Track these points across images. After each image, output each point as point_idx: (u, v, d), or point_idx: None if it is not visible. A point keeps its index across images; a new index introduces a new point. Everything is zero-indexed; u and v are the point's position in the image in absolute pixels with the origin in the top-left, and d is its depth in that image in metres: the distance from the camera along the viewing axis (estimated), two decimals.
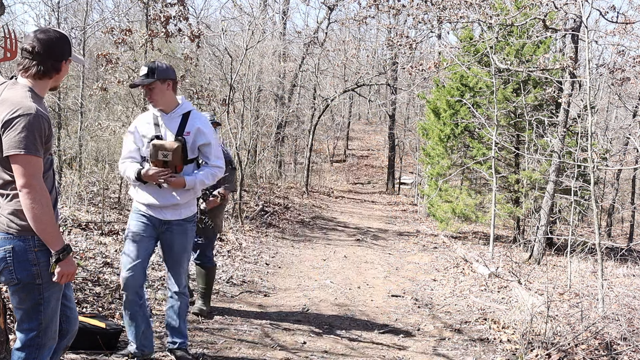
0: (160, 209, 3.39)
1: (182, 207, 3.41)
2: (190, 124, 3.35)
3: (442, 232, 11.91)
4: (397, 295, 6.27)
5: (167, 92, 3.32)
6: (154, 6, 9.20)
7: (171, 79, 3.32)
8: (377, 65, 21.23)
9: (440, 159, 12.30)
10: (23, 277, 2.29)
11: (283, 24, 19.28)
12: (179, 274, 3.52)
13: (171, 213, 3.40)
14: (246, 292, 5.80)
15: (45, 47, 2.29)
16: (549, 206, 9.15)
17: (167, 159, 3.27)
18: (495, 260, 8.22)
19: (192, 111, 3.41)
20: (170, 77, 3.32)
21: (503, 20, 8.10)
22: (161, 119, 3.38)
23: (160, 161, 3.29)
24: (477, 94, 11.73)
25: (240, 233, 9.19)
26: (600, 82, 16.93)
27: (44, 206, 2.22)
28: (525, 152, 10.06)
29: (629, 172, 16.84)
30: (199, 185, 3.37)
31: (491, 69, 9.31)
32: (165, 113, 3.36)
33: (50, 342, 2.40)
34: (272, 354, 3.95)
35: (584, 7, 5.96)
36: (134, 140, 3.43)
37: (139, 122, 3.46)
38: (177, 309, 3.54)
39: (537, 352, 3.93)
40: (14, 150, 2.17)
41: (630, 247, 9.87)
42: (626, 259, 9.19)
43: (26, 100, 2.23)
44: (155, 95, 3.30)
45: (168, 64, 3.37)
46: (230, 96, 10.99)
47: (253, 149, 15.25)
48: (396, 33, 11.29)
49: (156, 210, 3.40)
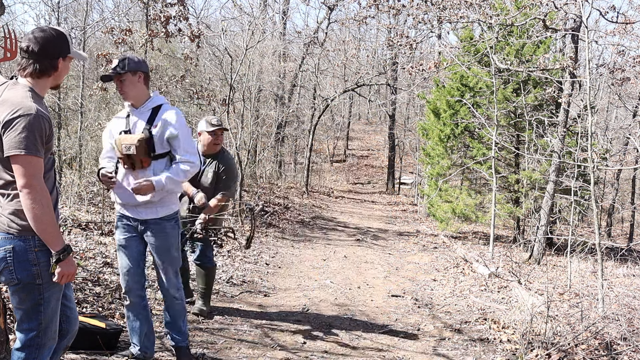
0: (135, 208, 3.30)
1: (158, 205, 3.28)
2: (159, 117, 3.25)
3: (442, 232, 11.91)
4: (397, 295, 6.27)
5: (138, 85, 3.23)
6: (154, 6, 9.20)
7: (142, 71, 3.23)
8: (377, 65, 21.23)
9: (440, 159, 12.30)
10: (23, 277, 2.30)
11: (283, 24, 19.28)
12: (166, 275, 3.40)
13: (147, 212, 3.29)
14: (246, 292, 5.80)
15: (40, 45, 2.29)
16: (549, 206, 9.15)
17: (130, 152, 3.16)
18: (495, 260, 8.22)
19: (164, 105, 3.31)
20: (142, 70, 3.23)
21: (503, 20, 8.10)
22: (131, 114, 3.30)
23: (125, 155, 3.18)
24: (477, 94, 11.73)
25: (240, 233, 9.18)
26: (600, 82, 16.94)
27: (45, 206, 2.22)
28: (525, 152, 10.06)
29: (629, 172, 16.85)
30: (169, 184, 3.20)
31: (491, 69, 9.31)
32: (135, 107, 3.28)
33: (50, 342, 2.40)
34: (272, 354, 3.95)
35: (584, 7, 5.96)
36: (108, 137, 3.38)
37: (113, 119, 3.43)
38: (171, 310, 3.47)
39: (537, 352, 3.93)
40: (15, 151, 2.17)
41: (630, 247, 9.87)
42: (626, 259, 9.19)
43: (26, 100, 2.23)
44: (125, 87, 3.21)
45: (141, 58, 3.30)
46: (230, 96, 10.99)
47: (253, 149, 15.25)
48: (396, 33, 11.30)
49: (132, 210, 3.31)
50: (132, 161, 3.20)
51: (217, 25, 16.89)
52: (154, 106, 3.29)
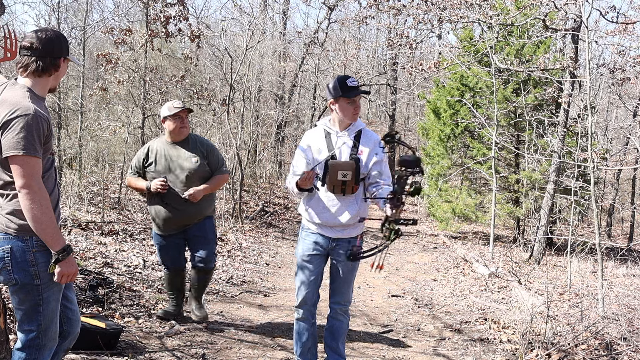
0: (331, 228, 3.31)
1: (352, 226, 3.31)
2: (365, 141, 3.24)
3: (442, 232, 11.91)
4: (397, 295, 6.27)
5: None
6: (154, 6, 9.20)
7: None
8: (377, 65, 21.23)
9: (441, 159, 12.30)
10: (21, 278, 2.29)
11: (283, 24, 19.27)
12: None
13: (343, 231, 3.31)
14: (246, 292, 5.80)
15: (43, 43, 2.29)
16: (549, 206, 9.15)
17: (347, 179, 3.14)
18: (495, 260, 8.22)
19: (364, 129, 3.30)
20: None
21: (503, 20, 8.10)
22: (333, 134, 3.25)
23: (340, 182, 3.15)
24: (477, 94, 11.73)
25: (240, 233, 9.19)
26: (600, 82, 16.92)
27: (43, 207, 2.21)
28: (525, 152, 10.05)
29: (629, 172, 16.84)
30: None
31: (491, 69, 9.31)
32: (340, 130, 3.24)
33: (50, 343, 2.40)
34: (272, 354, 3.95)
35: (584, 7, 5.95)
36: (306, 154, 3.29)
37: (310, 135, 3.35)
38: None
39: (537, 352, 3.93)
40: (13, 151, 2.17)
41: (630, 247, 9.86)
42: (626, 259, 9.18)
43: (25, 100, 2.22)
44: (359, 108, 3.24)
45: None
46: (230, 96, 10.99)
47: (253, 149, 15.25)
48: (396, 33, 11.29)
49: (326, 229, 3.31)
50: (344, 187, 3.15)
51: (217, 25, 16.88)
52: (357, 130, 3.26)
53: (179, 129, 4.22)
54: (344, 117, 3.19)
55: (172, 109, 4.20)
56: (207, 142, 4.40)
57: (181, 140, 4.28)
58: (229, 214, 10.13)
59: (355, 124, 3.25)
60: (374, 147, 3.23)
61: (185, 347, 3.90)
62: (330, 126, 3.26)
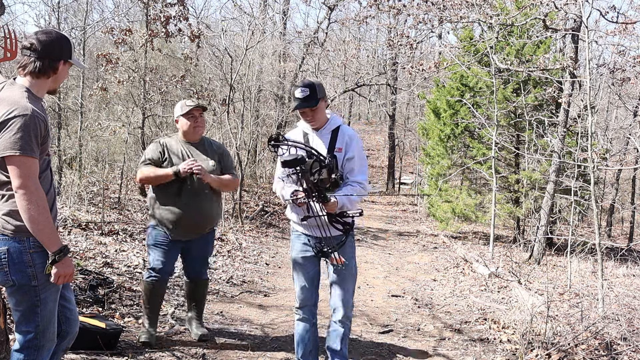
0: (318, 228, 3.29)
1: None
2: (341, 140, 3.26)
3: (442, 232, 11.90)
4: (397, 295, 6.26)
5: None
6: (154, 6, 9.20)
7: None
8: (377, 65, 21.22)
9: (441, 159, 12.30)
10: (18, 279, 2.28)
11: (283, 24, 19.27)
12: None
13: (332, 229, 3.30)
14: (246, 292, 5.80)
15: (44, 44, 2.29)
16: (549, 206, 9.15)
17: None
18: (495, 260, 8.22)
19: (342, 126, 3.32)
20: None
21: (503, 20, 8.10)
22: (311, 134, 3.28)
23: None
24: (477, 94, 11.73)
25: (240, 233, 9.18)
26: (600, 82, 16.91)
27: (40, 207, 2.20)
28: (525, 152, 10.05)
29: (629, 172, 16.83)
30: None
31: (491, 69, 9.31)
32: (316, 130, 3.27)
33: (48, 344, 2.39)
34: (272, 355, 3.95)
35: (584, 7, 5.95)
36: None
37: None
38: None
39: (537, 352, 3.93)
40: (10, 151, 2.16)
41: (630, 247, 9.86)
42: (626, 259, 9.17)
43: (22, 100, 2.22)
44: (317, 115, 3.24)
45: (316, 80, 3.31)
46: (230, 96, 10.99)
47: (253, 149, 15.24)
48: (396, 33, 11.29)
49: (314, 229, 3.34)
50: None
51: (217, 25, 16.89)
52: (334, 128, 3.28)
53: (193, 129, 3.95)
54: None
55: (185, 107, 3.94)
56: (220, 145, 4.21)
57: (196, 141, 4.02)
58: (229, 214, 10.13)
59: (331, 122, 3.28)
60: (349, 143, 3.25)
61: (185, 347, 3.90)
62: (308, 126, 3.30)
